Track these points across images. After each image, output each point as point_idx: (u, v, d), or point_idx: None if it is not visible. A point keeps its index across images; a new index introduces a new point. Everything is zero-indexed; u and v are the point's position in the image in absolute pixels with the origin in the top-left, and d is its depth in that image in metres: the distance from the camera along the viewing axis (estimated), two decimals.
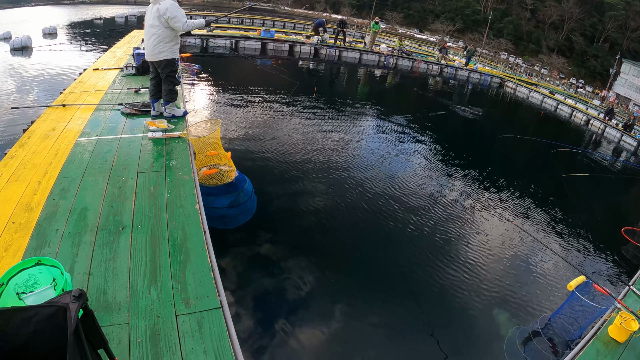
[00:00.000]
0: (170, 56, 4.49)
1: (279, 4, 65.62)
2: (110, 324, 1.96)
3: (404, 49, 20.78)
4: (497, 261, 5.01)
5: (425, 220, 5.60)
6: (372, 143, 8.59)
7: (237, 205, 4.01)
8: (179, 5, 4.33)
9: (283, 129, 8.27)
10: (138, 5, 41.65)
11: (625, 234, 5.60)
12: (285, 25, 27.84)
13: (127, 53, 8.91)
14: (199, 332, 1.99)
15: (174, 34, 4.40)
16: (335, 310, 3.68)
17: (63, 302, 1.23)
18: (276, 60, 15.45)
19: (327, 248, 4.68)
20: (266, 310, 3.53)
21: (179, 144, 4.13)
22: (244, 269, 3.97)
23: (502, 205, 6.78)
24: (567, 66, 54.05)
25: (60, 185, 3.11)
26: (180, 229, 2.75)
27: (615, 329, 2.95)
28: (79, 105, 5.09)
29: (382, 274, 4.38)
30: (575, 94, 27.71)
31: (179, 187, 3.28)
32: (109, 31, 20.73)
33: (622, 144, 15.87)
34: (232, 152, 4.20)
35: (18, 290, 1.79)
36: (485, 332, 3.86)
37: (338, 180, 6.32)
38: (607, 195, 9.22)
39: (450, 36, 56.55)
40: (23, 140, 3.90)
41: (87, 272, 2.27)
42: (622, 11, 52.61)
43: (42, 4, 36.41)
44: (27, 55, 12.38)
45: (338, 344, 3.35)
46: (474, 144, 11.12)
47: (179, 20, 4.24)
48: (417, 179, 7.07)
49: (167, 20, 4.24)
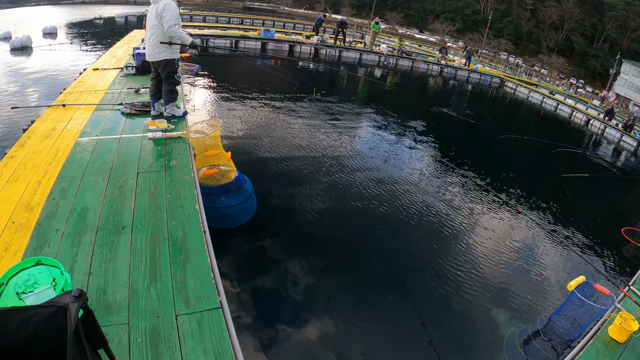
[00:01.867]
0: (169, 56, 4.49)
1: (279, 4, 65.68)
2: (110, 324, 1.96)
3: (404, 49, 20.78)
4: (497, 261, 5.01)
5: (425, 221, 5.60)
6: (371, 143, 8.59)
7: (236, 205, 4.01)
8: (177, 7, 4.31)
9: (283, 129, 8.28)
10: (138, 5, 41.67)
11: (625, 234, 5.59)
12: (285, 25, 27.79)
13: (127, 53, 8.92)
14: (199, 332, 1.99)
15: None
16: (335, 310, 3.68)
17: (63, 302, 1.23)
18: (276, 61, 15.44)
19: (326, 248, 4.68)
20: (266, 310, 3.53)
21: (179, 144, 4.13)
22: (244, 269, 3.97)
23: (502, 205, 6.77)
24: (567, 66, 54.06)
25: (60, 185, 3.11)
26: (180, 229, 2.75)
27: (615, 329, 2.95)
28: (79, 105, 5.09)
29: (382, 274, 4.38)
30: (575, 94, 27.70)
31: (179, 187, 3.28)
32: (109, 31, 20.72)
33: (622, 144, 15.86)
34: (232, 152, 4.20)
35: (18, 290, 1.79)
36: (485, 332, 3.86)
37: (338, 180, 6.32)
38: (607, 196, 9.22)
39: (450, 36, 56.55)
40: (23, 140, 3.90)
41: (87, 272, 2.27)
42: (622, 11, 52.65)
43: (42, 4, 36.40)
44: (27, 55, 12.38)
45: (338, 344, 3.35)
46: (474, 144, 11.11)
47: (170, 19, 4.18)
48: (417, 179, 7.07)
49: (162, 17, 4.21)
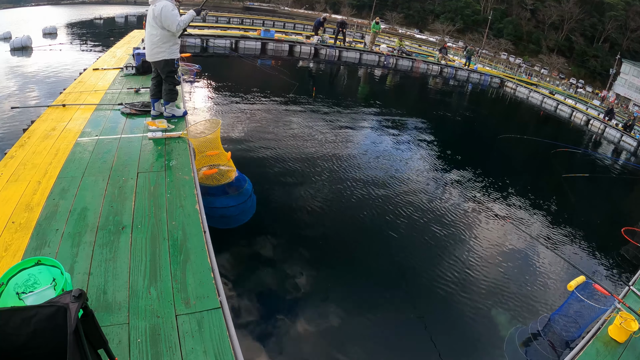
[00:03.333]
0: (168, 57, 4.49)
1: (279, 4, 65.66)
2: (110, 324, 1.96)
3: (404, 49, 20.77)
4: (497, 261, 5.01)
5: (424, 221, 5.59)
6: (371, 143, 8.59)
7: (236, 205, 4.01)
8: (174, 6, 4.29)
9: (283, 129, 8.27)
10: (138, 5, 41.63)
11: (625, 234, 5.60)
12: (285, 25, 27.81)
13: (127, 53, 8.92)
14: (199, 332, 1.99)
15: (170, 34, 4.39)
16: (335, 310, 3.67)
17: (63, 302, 1.23)
18: (276, 61, 15.44)
19: (326, 248, 4.68)
20: (266, 310, 3.52)
21: (179, 144, 4.13)
22: (244, 269, 3.97)
23: (502, 205, 6.77)
24: (567, 66, 54.06)
25: (60, 185, 3.11)
26: (180, 229, 2.75)
27: (615, 329, 2.95)
28: (79, 105, 5.09)
29: (382, 274, 4.38)
30: (575, 94, 27.72)
31: (179, 187, 3.29)
32: (109, 31, 20.73)
33: (622, 144, 15.87)
34: (232, 152, 4.20)
35: (18, 290, 1.79)
36: (485, 332, 3.86)
37: (338, 179, 6.32)
38: (607, 196, 9.22)
39: (450, 36, 56.54)
40: (23, 140, 3.90)
41: (87, 272, 2.27)
42: (622, 11, 52.64)
43: (42, 4, 36.37)
44: (27, 55, 12.37)
45: (338, 344, 3.35)
46: (474, 143, 11.11)
47: (173, 22, 4.22)
48: (417, 179, 7.07)
49: (162, 22, 4.23)
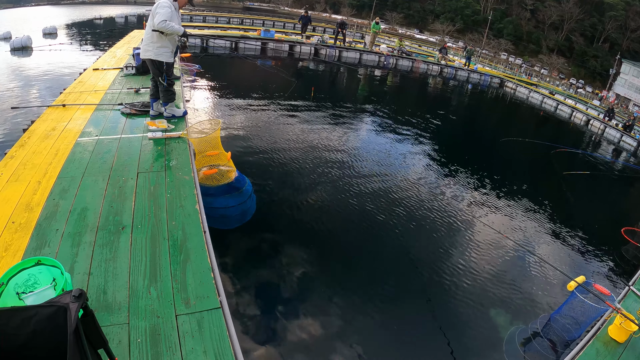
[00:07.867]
0: (153, 57, 4.45)
1: (279, 4, 65.68)
2: (110, 324, 1.96)
3: (404, 49, 20.79)
4: (497, 261, 5.01)
5: (424, 221, 5.59)
6: (371, 144, 8.59)
7: (236, 205, 4.01)
8: (170, 5, 4.23)
9: (283, 129, 8.27)
10: (138, 5, 41.64)
11: (625, 234, 5.59)
12: (285, 26, 27.79)
13: (127, 53, 8.91)
14: (199, 332, 1.99)
15: (158, 35, 4.33)
16: (335, 310, 3.68)
17: (63, 302, 1.22)
18: (276, 61, 15.44)
19: (327, 247, 4.68)
20: (266, 310, 3.52)
21: (179, 144, 4.13)
22: (244, 269, 3.97)
23: (502, 205, 6.77)
24: (567, 66, 54.06)
25: (60, 185, 3.11)
26: (180, 229, 2.75)
27: (615, 329, 2.95)
28: (79, 105, 5.09)
29: (383, 274, 4.38)
30: (575, 95, 27.72)
31: (179, 187, 3.28)
32: (109, 31, 20.73)
33: (622, 145, 15.87)
34: (232, 152, 4.20)
35: (18, 290, 1.79)
36: (485, 331, 3.86)
37: (338, 179, 6.31)
38: (607, 196, 9.22)
39: (450, 36, 56.54)
40: (23, 140, 3.90)
41: (87, 272, 2.27)
42: (622, 11, 52.64)
43: (42, 4, 36.39)
44: (27, 55, 12.37)
45: (338, 344, 3.35)
46: (474, 144, 11.11)
47: (160, 16, 4.13)
48: (417, 179, 7.06)
49: (153, 16, 4.18)
